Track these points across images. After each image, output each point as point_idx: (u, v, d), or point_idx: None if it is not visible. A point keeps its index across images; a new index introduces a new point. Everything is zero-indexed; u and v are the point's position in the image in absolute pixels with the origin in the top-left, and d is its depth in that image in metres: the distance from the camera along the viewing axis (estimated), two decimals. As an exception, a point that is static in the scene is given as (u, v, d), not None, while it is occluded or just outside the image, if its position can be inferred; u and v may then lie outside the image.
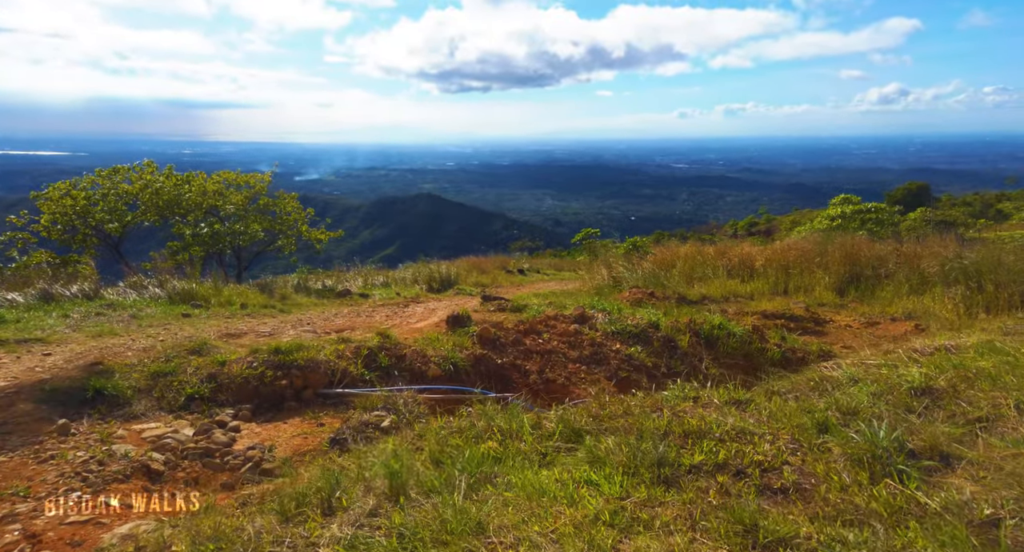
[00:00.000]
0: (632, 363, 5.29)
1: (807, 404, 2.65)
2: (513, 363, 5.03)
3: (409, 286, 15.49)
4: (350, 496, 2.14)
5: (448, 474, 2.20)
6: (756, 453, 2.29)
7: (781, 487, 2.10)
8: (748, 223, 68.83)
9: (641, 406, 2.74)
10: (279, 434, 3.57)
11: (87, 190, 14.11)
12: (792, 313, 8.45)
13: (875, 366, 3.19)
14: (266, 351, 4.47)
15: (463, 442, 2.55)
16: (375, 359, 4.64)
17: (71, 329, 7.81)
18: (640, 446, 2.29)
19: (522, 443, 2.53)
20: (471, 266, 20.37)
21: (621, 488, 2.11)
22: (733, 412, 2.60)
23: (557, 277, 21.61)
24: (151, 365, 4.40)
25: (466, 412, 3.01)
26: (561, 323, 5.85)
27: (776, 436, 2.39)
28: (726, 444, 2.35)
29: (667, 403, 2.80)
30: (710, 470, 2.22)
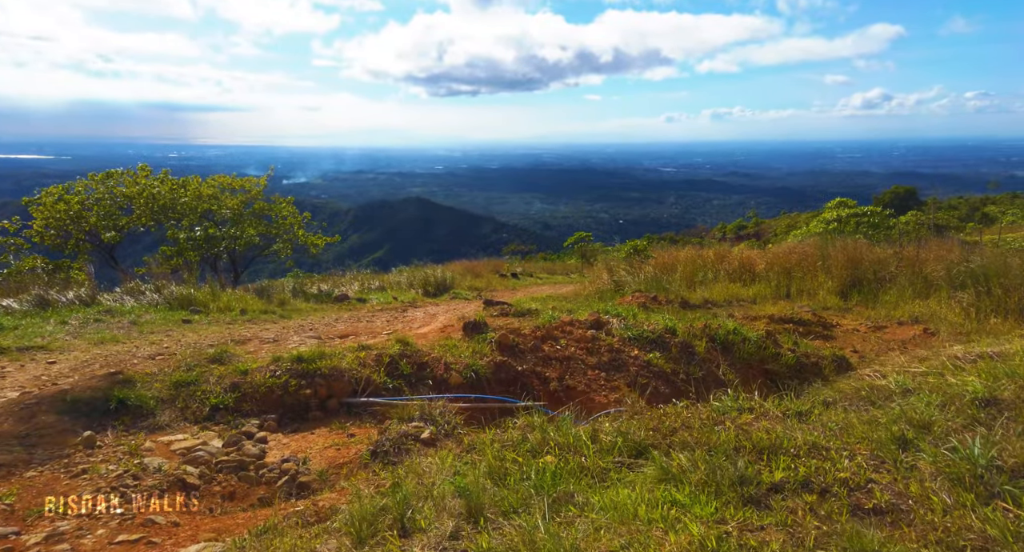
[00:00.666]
0: (651, 369, 5.25)
1: (869, 416, 2.60)
2: (533, 370, 4.98)
3: (405, 290, 15.41)
4: (425, 516, 2.06)
5: (522, 493, 2.12)
6: (837, 470, 2.21)
7: (875, 508, 2.01)
8: (737, 226, 69.23)
9: (699, 418, 2.68)
10: (310, 446, 3.49)
11: (81, 194, 13.90)
12: (800, 317, 8.45)
13: (920, 374, 3.17)
14: (288, 359, 4.39)
15: (520, 456, 2.47)
16: (397, 367, 4.56)
17: (72, 336, 7.69)
18: (718, 463, 2.22)
19: (583, 458, 2.45)
20: (465, 270, 20.33)
21: (715, 510, 2.02)
22: (797, 425, 2.54)
23: (551, 281, 21.60)
24: (173, 374, 4.30)
25: (512, 422, 2.94)
26: (577, 329, 5.80)
27: (853, 451, 2.32)
28: (803, 460, 2.27)
29: (724, 414, 2.75)
30: (794, 488, 2.14)
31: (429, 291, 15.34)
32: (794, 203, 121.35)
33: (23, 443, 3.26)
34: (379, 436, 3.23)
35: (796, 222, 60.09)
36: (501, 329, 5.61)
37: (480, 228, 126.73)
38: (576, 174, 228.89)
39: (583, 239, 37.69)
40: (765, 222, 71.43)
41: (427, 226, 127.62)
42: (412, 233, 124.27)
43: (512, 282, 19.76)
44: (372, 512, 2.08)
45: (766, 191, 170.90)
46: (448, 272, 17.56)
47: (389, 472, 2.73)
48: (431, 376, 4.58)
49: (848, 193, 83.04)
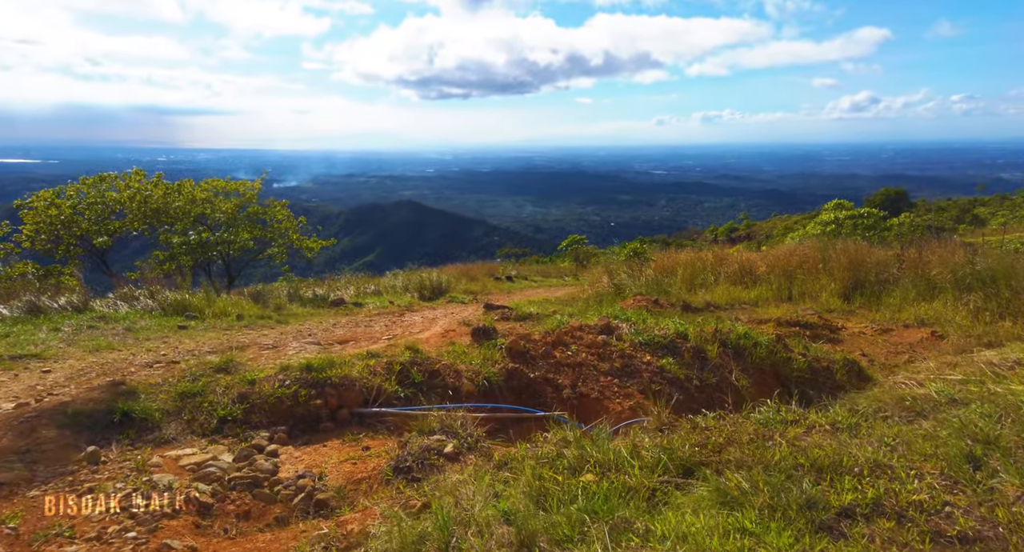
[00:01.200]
0: (664, 375, 5.14)
1: (924, 430, 2.48)
2: (545, 377, 4.86)
3: (400, 294, 15.29)
4: (472, 545, 1.90)
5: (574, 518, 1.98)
6: (908, 491, 2.08)
7: (960, 536, 1.87)
8: (728, 229, 69.45)
9: (746, 433, 2.55)
10: (324, 460, 3.35)
11: (73, 199, 13.69)
12: (806, 320, 8.38)
13: (959, 382, 3.07)
14: (297, 368, 4.24)
15: (559, 475, 2.34)
16: (408, 375, 4.43)
17: (66, 344, 7.52)
18: (781, 484, 2.09)
19: (626, 476, 2.32)
20: (459, 273, 20.22)
21: (794, 540, 1.86)
22: (850, 439, 2.42)
23: (545, 284, 21.53)
24: (178, 385, 4.15)
25: (541, 437, 2.82)
26: (587, 334, 5.69)
27: (920, 470, 2.18)
28: (869, 480, 2.13)
29: (769, 427, 2.63)
30: (866, 513, 2.00)
31: (425, 295, 15.21)
32: (784, 205, 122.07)
33: (24, 459, 3.11)
34: (400, 450, 3.09)
35: (789, 224, 60.41)
36: (510, 335, 5.49)
37: (472, 231, 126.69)
38: (567, 177, 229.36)
39: (577, 242, 37.67)
40: (756, 224, 71.74)
41: (419, 229, 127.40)
42: (404, 236, 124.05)
43: (507, 285, 19.68)
44: (412, 540, 1.94)
45: (756, 193, 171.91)
46: (443, 276, 17.43)
47: (415, 490, 2.60)
48: (443, 384, 4.45)
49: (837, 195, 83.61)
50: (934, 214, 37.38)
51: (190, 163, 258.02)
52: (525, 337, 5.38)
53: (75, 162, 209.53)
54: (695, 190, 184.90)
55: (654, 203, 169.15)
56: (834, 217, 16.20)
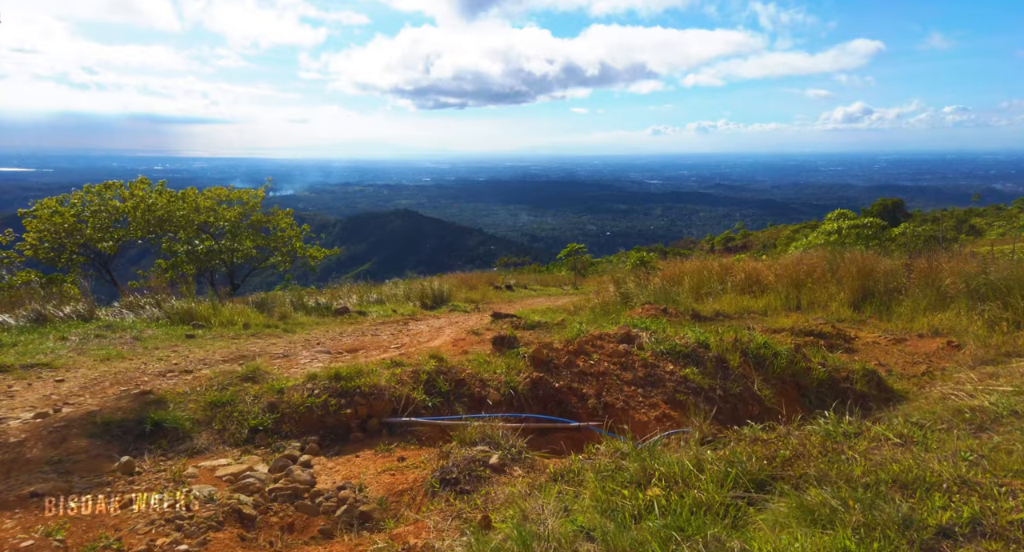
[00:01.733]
0: (688, 385, 5.09)
1: (994, 443, 2.42)
2: (569, 386, 4.80)
3: (402, 302, 15.25)
4: None
5: (662, 536, 1.90)
6: (1004, 510, 1.98)
7: None
8: (724, 238, 69.67)
9: (814, 446, 2.48)
10: (361, 471, 3.28)
11: (77, 206, 13.62)
12: (820, 330, 8.35)
13: (1012, 393, 3.02)
14: (325, 377, 4.18)
15: (622, 488, 2.28)
16: (434, 384, 4.37)
17: (76, 353, 7.45)
18: (871, 501, 2.01)
19: (697, 491, 2.23)
20: (459, 282, 20.20)
21: None
22: (923, 453, 2.36)
23: (545, 293, 21.52)
24: (206, 394, 4.08)
25: (594, 448, 2.76)
26: (608, 343, 5.64)
27: (1011, 487, 2.10)
28: (960, 497, 2.04)
29: (833, 439, 2.56)
30: (966, 533, 1.91)
31: (427, 304, 15.17)
32: (779, 215, 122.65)
33: (57, 470, 3.04)
34: (442, 461, 3.03)
35: (787, 233, 60.54)
36: (532, 344, 5.44)
37: (468, 240, 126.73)
38: (563, 186, 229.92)
39: (577, 251, 37.73)
40: (753, 234, 71.98)
41: (414, 238, 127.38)
42: (399, 245, 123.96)
43: (507, 294, 19.68)
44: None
45: (751, 203, 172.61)
46: (444, 285, 17.39)
47: (466, 502, 2.54)
48: (468, 394, 4.39)
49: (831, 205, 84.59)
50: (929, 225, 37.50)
51: (186, 172, 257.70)
52: (547, 346, 5.32)
53: (70, 171, 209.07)
54: (690, 200, 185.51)
55: (650, 212, 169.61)
56: (837, 227, 16.23)
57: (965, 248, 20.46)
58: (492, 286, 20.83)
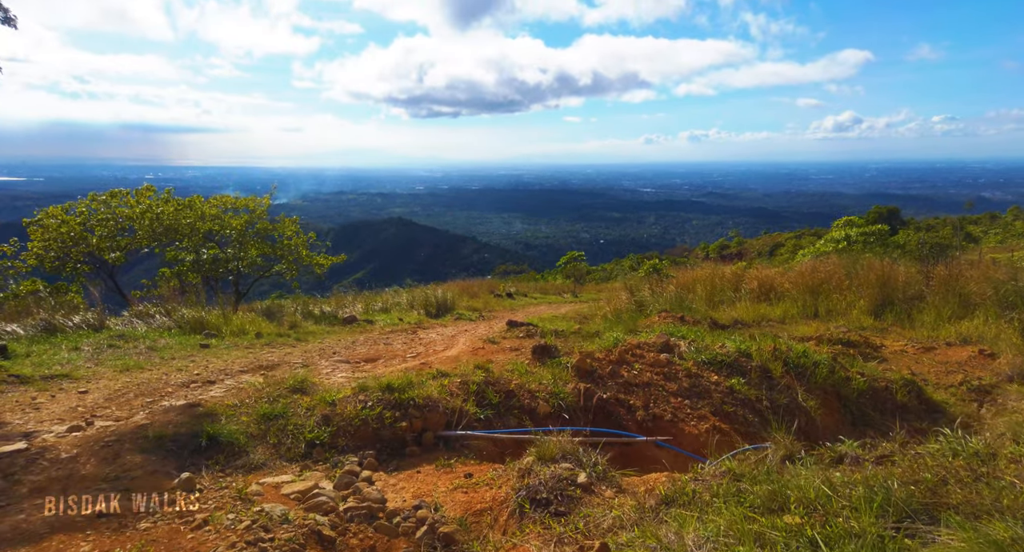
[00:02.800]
0: (735, 396, 4.97)
1: None
2: (616, 397, 4.68)
3: (406, 311, 15.18)
4: None
5: None
6: None
7: None
8: (719, 246, 69.88)
9: (961, 468, 2.32)
10: (430, 488, 3.14)
11: (84, 215, 13.41)
12: (848, 338, 8.25)
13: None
14: (376, 388, 4.04)
15: (755, 514, 2.12)
16: (484, 396, 4.24)
17: (93, 363, 7.31)
18: None
19: (843, 519, 2.04)
20: (460, 290, 20.16)
21: None
22: None
23: (545, 300, 21.47)
24: (257, 406, 3.93)
25: (698, 467, 2.62)
26: (648, 352, 5.52)
27: None
28: None
29: (978, 461, 2.40)
30: None
31: (431, 312, 15.09)
32: (771, 223, 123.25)
33: (115, 487, 2.89)
34: (527, 479, 2.89)
35: (778, 241, 60.77)
36: (573, 353, 5.31)
37: (462, 248, 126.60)
38: (556, 194, 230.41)
39: (576, 259, 37.69)
40: (748, 241, 72.25)
41: (408, 246, 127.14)
42: (393, 253, 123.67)
43: (508, 302, 19.64)
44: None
45: (743, 211, 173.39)
46: (448, 293, 17.33)
47: (564, 526, 2.40)
48: (518, 405, 4.26)
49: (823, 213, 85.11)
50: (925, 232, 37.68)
51: (178, 180, 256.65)
52: (589, 355, 5.20)
53: (61, 180, 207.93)
54: (683, 208, 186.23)
55: (643, 221, 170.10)
56: (845, 234, 16.21)
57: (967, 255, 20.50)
58: (493, 294, 20.80)
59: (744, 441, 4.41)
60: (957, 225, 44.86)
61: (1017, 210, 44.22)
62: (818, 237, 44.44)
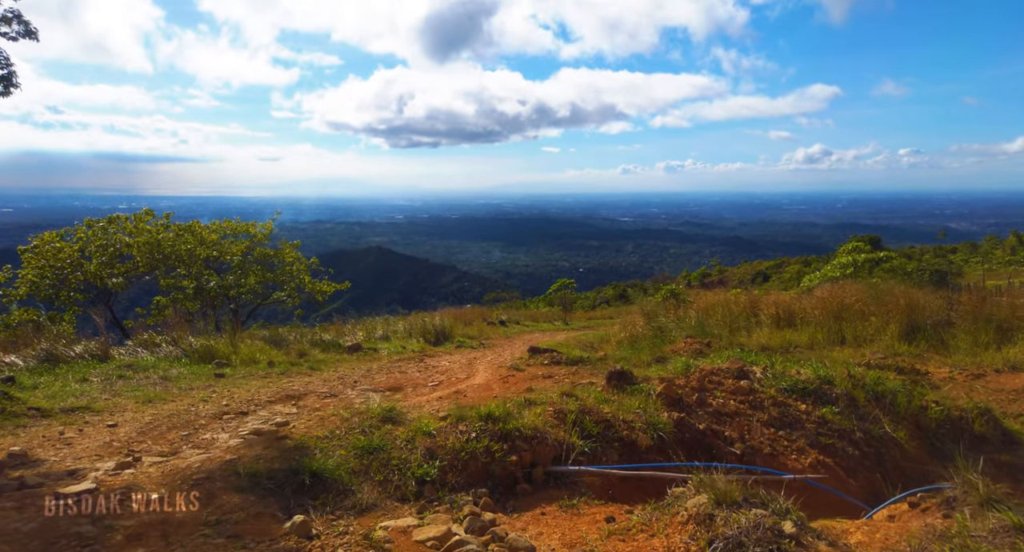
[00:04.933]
0: (829, 427, 4.67)
1: None
2: (710, 428, 4.35)
3: (405, 338, 14.90)
4: None
5: None
6: None
7: None
8: (701, 274, 70.42)
9: None
10: (576, 535, 2.75)
11: (83, 241, 12.85)
12: (896, 365, 8.02)
13: None
14: (475, 418, 3.67)
15: None
16: (583, 426, 3.88)
17: (109, 394, 6.86)
18: None
19: None
20: (454, 318, 19.93)
21: None
22: None
23: (539, 328, 21.25)
24: (350, 438, 3.53)
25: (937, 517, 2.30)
26: (725, 379, 5.21)
27: None
28: None
29: None
30: None
31: (430, 340, 14.82)
32: (747, 252, 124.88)
33: (221, 533, 2.49)
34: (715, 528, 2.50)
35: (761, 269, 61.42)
36: (652, 380, 4.98)
37: (441, 277, 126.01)
38: (536, 223, 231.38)
39: (566, 286, 37.56)
40: (728, 270, 72.92)
41: (388, 275, 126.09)
42: (372, 282, 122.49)
43: (503, 330, 19.46)
44: None
45: (720, 240, 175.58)
46: (447, 321, 17.06)
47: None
48: (618, 437, 3.91)
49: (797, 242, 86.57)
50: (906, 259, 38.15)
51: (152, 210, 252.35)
52: (671, 381, 4.87)
53: (31, 210, 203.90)
54: (661, 237, 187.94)
55: (622, 249, 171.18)
56: (852, 260, 16.19)
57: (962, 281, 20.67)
58: (486, 322, 20.64)
59: (849, 478, 4.11)
60: (939, 253, 45.68)
61: (995, 239, 45.25)
62: (808, 265, 44.82)
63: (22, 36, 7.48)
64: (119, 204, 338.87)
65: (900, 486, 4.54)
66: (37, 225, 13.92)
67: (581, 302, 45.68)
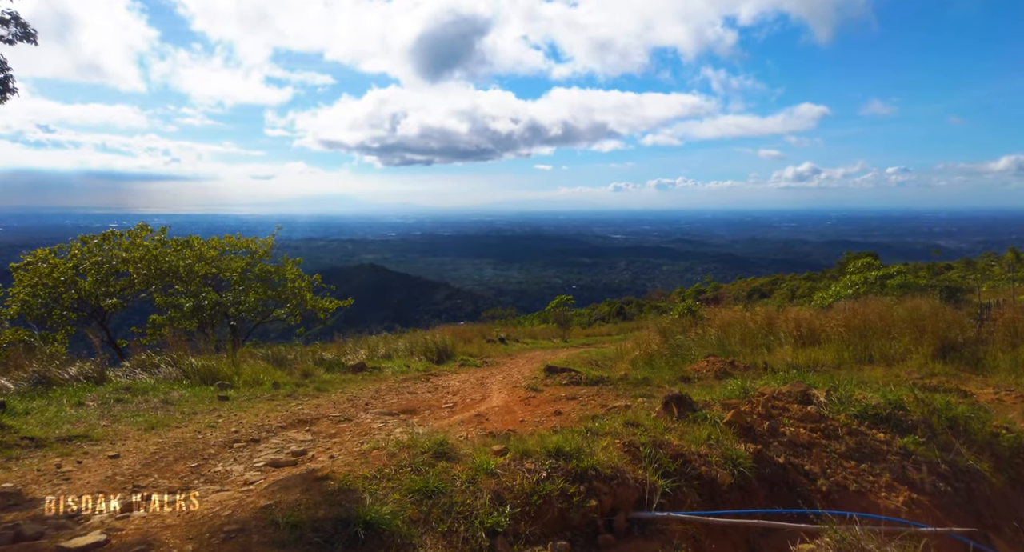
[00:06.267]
0: (913, 459, 4.22)
1: None
2: (789, 462, 3.90)
3: (406, 356, 14.54)
4: None
5: None
6: None
7: None
8: (695, 291, 70.14)
9: None
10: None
11: (77, 258, 12.31)
12: (944, 386, 7.62)
13: None
14: (542, 454, 3.20)
15: None
16: (657, 461, 3.43)
17: (107, 420, 6.36)
18: None
19: None
20: (453, 335, 19.65)
21: None
22: None
23: (539, 345, 20.91)
24: (403, 479, 3.04)
25: None
26: (789, 404, 4.77)
27: None
28: None
29: None
30: None
31: (432, 358, 14.48)
32: (740, 269, 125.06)
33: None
34: None
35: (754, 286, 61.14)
36: (713, 405, 4.53)
37: (434, 294, 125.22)
38: (528, 240, 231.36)
39: (565, 303, 37.14)
40: (723, 286, 72.67)
41: (381, 292, 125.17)
42: (365, 300, 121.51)
43: (503, 347, 19.19)
44: None
45: (711, 257, 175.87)
46: (448, 339, 16.72)
47: None
48: (695, 474, 3.45)
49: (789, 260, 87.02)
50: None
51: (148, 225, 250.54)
52: (734, 407, 4.42)
53: (20, 230, 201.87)
54: (653, 253, 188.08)
55: (614, 266, 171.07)
56: (863, 277, 15.87)
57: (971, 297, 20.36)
58: (485, 339, 20.42)
59: (946, 518, 3.67)
60: (937, 270, 45.54)
61: (993, 256, 45.12)
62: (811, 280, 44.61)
63: (20, 39, 7.04)
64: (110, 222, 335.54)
65: (993, 525, 4.13)
66: (27, 244, 13.44)
67: (577, 319, 45.30)
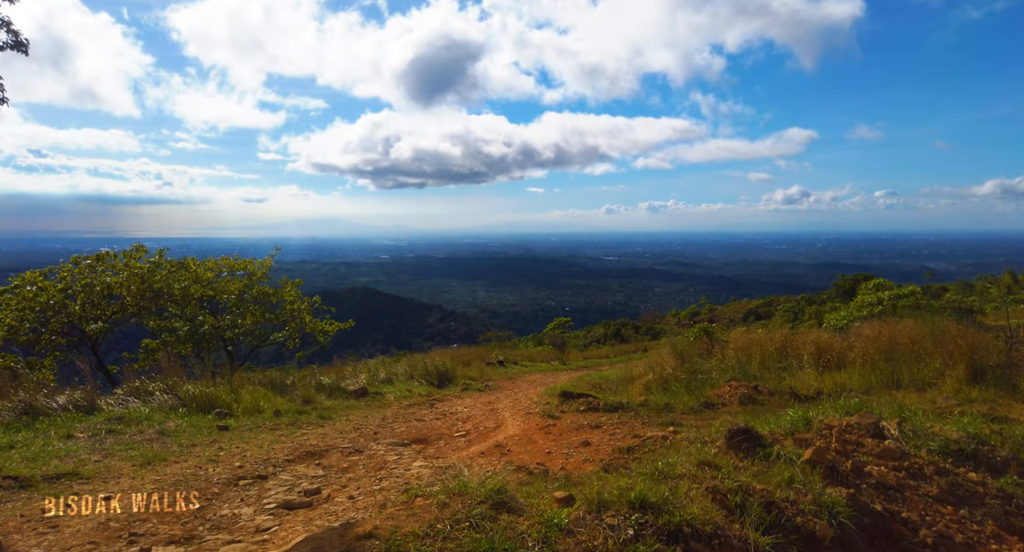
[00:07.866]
0: (1016, 503, 3.76)
1: None
2: (886, 509, 3.43)
3: (406, 381, 14.20)
4: None
5: None
6: None
7: None
8: (691, 313, 69.77)
9: None
10: None
11: (66, 281, 11.75)
12: (987, 413, 7.17)
13: None
14: (623, 504, 2.71)
15: None
16: (748, 510, 2.95)
17: (98, 455, 5.81)
18: None
19: None
20: (452, 358, 19.41)
21: None
22: None
23: (537, 368, 20.61)
24: (464, 539, 2.54)
25: None
26: (863, 438, 4.30)
27: None
28: None
29: None
30: None
31: (433, 382, 14.20)
32: (732, 291, 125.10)
33: None
34: None
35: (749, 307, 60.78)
36: (783, 440, 4.05)
37: (428, 317, 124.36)
38: (521, 263, 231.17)
39: (562, 325, 36.68)
40: (718, 308, 72.31)
41: (374, 315, 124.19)
42: (359, 322, 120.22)
43: (502, 370, 18.94)
44: None
45: (704, 280, 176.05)
46: (448, 362, 16.43)
47: None
48: (791, 525, 2.97)
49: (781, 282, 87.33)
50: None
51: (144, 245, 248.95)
52: (812, 444, 3.94)
53: (10, 254, 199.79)
54: (646, 275, 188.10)
55: (607, 288, 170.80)
56: (878, 298, 15.51)
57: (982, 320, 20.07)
58: (484, 362, 20.21)
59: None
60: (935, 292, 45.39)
61: (990, 278, 45.10)
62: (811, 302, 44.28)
63: (10, 47, 6.62)
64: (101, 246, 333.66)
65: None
66: (16, 268, 12.88)
67: (573, 341, 44.77)
